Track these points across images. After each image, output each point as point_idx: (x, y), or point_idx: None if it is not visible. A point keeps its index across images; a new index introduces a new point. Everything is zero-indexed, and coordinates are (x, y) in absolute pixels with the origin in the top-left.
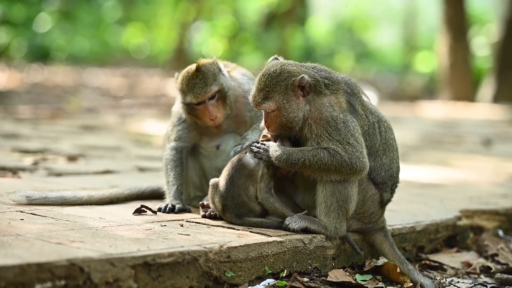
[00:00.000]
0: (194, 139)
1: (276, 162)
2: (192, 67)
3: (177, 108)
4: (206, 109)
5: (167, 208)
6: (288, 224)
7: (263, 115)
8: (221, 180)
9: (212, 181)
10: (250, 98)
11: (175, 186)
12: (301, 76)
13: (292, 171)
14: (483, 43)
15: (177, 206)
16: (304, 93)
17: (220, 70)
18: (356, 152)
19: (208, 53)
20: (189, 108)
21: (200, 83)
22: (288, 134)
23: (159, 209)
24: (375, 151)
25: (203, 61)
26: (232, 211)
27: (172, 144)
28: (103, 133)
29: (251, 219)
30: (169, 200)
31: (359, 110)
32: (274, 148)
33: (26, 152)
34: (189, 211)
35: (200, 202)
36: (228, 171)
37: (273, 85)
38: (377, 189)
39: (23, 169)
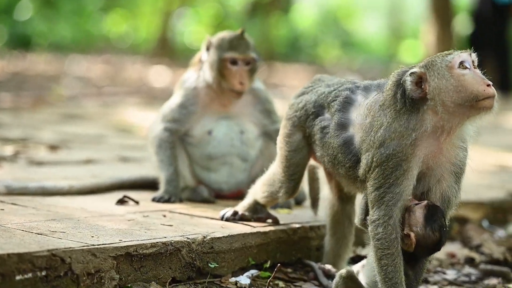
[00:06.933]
0: (190, 123)
1: None
2: (235, 31)
3: (191, 84)
4: (239, 71)
5: (162, 199)
6: None
7: None
8: None
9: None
10: None
11: (172, 168)
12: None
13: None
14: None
15: (172, 198)
16: None
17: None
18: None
19: (192, 42)
20: (222, 66)
21: (244, 44)
22: None
23: (154, 199)
24: None
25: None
26: None
27: (166, 125)
28: (85, 122)
29: None
30: (164, 190)
31: None
32: None
33: (6, 140)
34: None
35: None
36: None
37: None
38: None
39: (4, 158)
